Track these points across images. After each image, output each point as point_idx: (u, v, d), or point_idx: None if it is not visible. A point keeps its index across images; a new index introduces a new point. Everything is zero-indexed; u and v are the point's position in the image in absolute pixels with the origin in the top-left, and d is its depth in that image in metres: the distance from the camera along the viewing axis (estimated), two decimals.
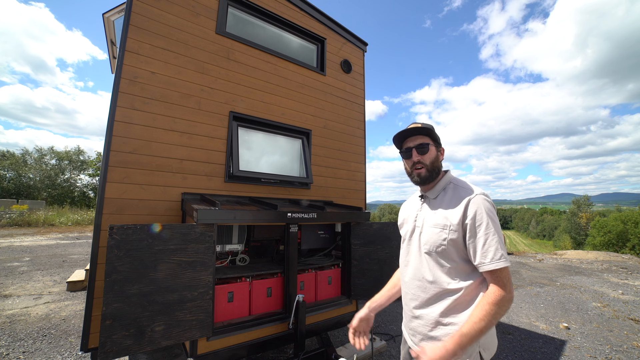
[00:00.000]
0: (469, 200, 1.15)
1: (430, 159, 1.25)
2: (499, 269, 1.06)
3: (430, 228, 1.23)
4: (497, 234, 1.09)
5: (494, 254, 1.07)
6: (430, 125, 1.28)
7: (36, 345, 3.10)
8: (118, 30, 4.58)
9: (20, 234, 10.99)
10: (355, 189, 3.76)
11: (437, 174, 1.28)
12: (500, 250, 1.07)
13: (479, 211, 1.12)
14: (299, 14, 3.52)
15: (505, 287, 1.05)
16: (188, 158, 2.56)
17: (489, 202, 1.15)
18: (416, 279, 1.27)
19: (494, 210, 1.15)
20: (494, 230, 1.09)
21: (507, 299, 1.04)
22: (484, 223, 1.10)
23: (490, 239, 1.08)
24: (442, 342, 1.05)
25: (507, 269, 1.07)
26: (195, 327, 1.82)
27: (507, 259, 1.07)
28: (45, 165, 27.46)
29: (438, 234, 1.19)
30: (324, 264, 2.79)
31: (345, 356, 2.69)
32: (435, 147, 1.27)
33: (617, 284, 6.53)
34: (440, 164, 1.29)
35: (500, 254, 1.06)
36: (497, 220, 1.13)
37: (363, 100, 4.08)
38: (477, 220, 1.11)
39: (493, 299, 1.04)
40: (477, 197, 1.15)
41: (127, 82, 2.32)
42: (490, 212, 1.12)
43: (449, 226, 1.16)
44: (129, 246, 1.65)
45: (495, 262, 1.06)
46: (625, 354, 3.36)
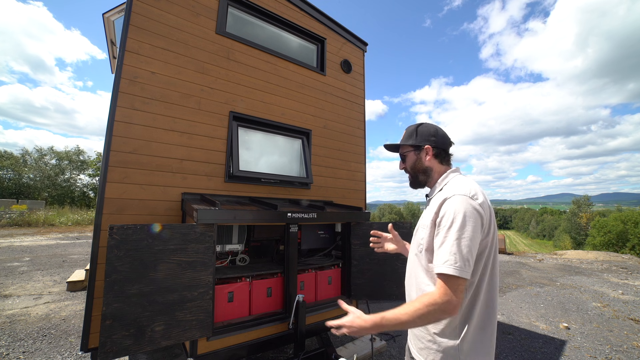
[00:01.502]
0: (445, 199, 1.09)
1: (410, 164, 1.31)
2: (443, 273, 0.99)
3: (421, 228, 1.22)
4: (458, 238, 0.99)
5: (445, 258, 0.99)
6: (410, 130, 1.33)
7: (36, 345, 3.10)
8: (118, 30, 4.58)
9: (20, 234, 10.99)
10: (355, 189, 3.76)
11: (426, 175, 1.28)
12: (451, 255, 0.98)
13: (449, 211, 1.04)
14: (299, 14, 3.52)
15: (444, 295, 0.97)
16: (188, 158, 2.55)
17: (468, 205, 1.04)
18: (407, 280, 1.30)
19: (471, 215, 1.03)
20: (454, 233, 1.00)
21: (440, 307, 0.96)
22: (447, 224, 1.03)
23: (447, 242, 1.01)
24: (366, 316, 1.05)
25: (453, 278, 0.97)
26: (195, 327, 1.82)
27: (456, 268, 0.97)
28: (45, 165, 27.46)
29: (420, 233, 1.19)
30: (324, 264, 2.79)
31: (345, 356, 2.69)
32: (414, 152, 1.30)
33: (617, 284, 6.53)
34: (424, 165, 1.28)
35: (446, 260, 0.99)
36: (469, 226, 1.01)
37: (363, 100, 4.08)
38: (444, 220, 1.05)
39: (427, 300, 0.99)
40: (454, 197, 1.07)
41: (127, 82, 2.32)
42: (461, 215, 1.02)
43: (427, 225, 1.14)
44: (129, 246, 1.65)
45: (440, 266, 0.99)
46: (625, 354, 3.36)
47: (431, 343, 1.11)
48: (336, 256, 3.00)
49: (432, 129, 1.30)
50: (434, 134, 1.28)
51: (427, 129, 1.29)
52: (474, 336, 1.08)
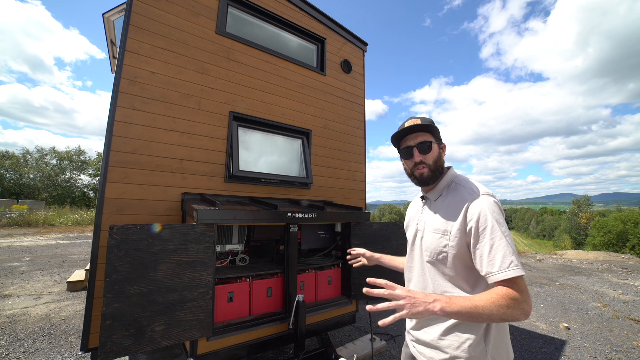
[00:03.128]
0: (471, 202, 1.03)
1: (433, 158, 1.14)
2: (509, 278, 0.91)
3: (430, 233, 1.13)
4: (504, 238, 0.95)
5: (502, 262, 0.93)
6: (430, 120, 1.17)
7: (36, 345, 3.10)
8: (118, 30, 4.58)
9: (20, 234, 10.99)
10: (355, 189, 3.76)
11: (440, 174, 1.17)
12: (509, 256, 0.93)
13: (483, 214, 0.99)
14: (299, 14, 3.52)
15: (526, 296, 0.90)
16: (188, 158, 2.55)
17: (494, 203, 1.02)
18: (418, 287, 1.20)
19: (500, 212, 1.01)
20: (501, 234, 0.96)
21: (520, 306, 0.89)
22: (488, 227, 0.97)
23: (497, 245, 0.95)
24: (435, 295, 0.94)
25: (521, 279, 0.92)
26: (195, 327, 1.82)
27: (519, 267, 0.92)
28: (46, 165, 27.46)
29: (438, 240, 1.09)
30: (324, 264, 2.79)
31: (345, 356, 2.69)
32: (437, 144, 1.16)
33: (617, 284, 6.53)
34: (442, 162, 1.18)
35: (509, 261, 0.92)
36: (505, 223, 1.00)
37: (363, 100, 4.07)
38: (481, 224, 0.98)
39: (506, 293, 0.90)
40: (480, 198, 1.02)
41: (127, 82, 2.32)
42: (496, 214, 0.99)
43: (450, 232, 1.05)
44: (129, 246, 1.65)
45: (504, 271, 0.92)
46: (625, 354, 3.36)
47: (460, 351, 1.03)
48: (336, 256, 3.00)
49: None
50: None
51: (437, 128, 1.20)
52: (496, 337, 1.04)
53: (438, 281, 1.11)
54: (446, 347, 1.05)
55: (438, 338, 1.08)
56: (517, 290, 0.91)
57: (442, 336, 1.07)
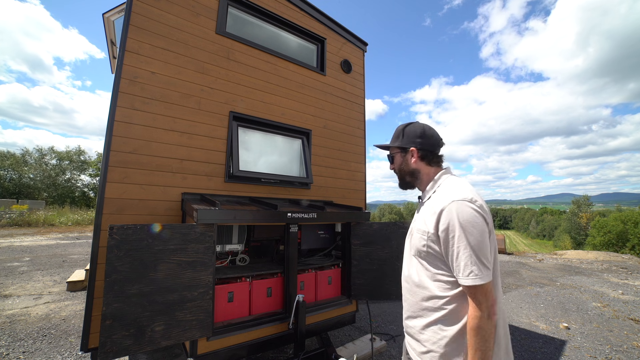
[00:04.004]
0: (443, 208, 1.06)
1: (397, 166, 1.32)
2: (469, 286, 1.00)
3: (416, 233, 1.21)
4: (469, 247, 1.00)
5: (463, 270, 1.00)
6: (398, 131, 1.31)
7: (36, 345, 3.10)
8: (118, 30, 4.58)
9: (20, 234, 10.99)
10: (355, 189, 3.76)
11: (413, 177, 1.28)
12: (470, 266, 0.99)
13: (451, 222, 1.03)
14: (299, 14, 3.52)
15: (480, 306, 0.99)
16: (188, 158, 2.55)
17: (468, 210, 1.03)
18: (405, 281, 1.27)
19: (475, 220, 1.02)
20: (466, 243, 1.00)
21: (483, 320, 0.98)
22: (455, 235, 1.02)
23: (461, 253, 1.01)
24: None
25: (481, 287, 0.99)
26: (195, 327, 1.82)
27: (478, 276, 0.98)
28: (46, 165, 27.47)
29: (419, 238, 1.16)
30: (324, 264, 2.79)
31: (345, 356, 2.69)
32: (400, 153, 1.30)
33: (617, 284, 6.53)
34: (410, 167, 1.27)
35: (469, 271, 0.99)
36: (475, 231, 1.01)
37: (363, 100, 4.07)
38: (449, 232, 1.04)
39: (471, 324, 1.00)
40: (451, 205, 1.05)
41: (127, 82, 2.32)
42: (465, 222, 1.01)
43: (427, 232, 1.12)
44: (129, 246, 1.65)
45: (464, 278, 1.00)
46: (625, 354, 3.36)
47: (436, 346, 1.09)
48: (336, 256, 2.99)
49: (419, 129, 1.25)
50: (420, 134, 1.24)
51: (413, 130, 1.26)
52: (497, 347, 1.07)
53: (421, 276, 1.18)
54: (425, 340, 1.13)
55: (419, 331, 1.16)
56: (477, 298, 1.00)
57: (422, 329, 1.14)
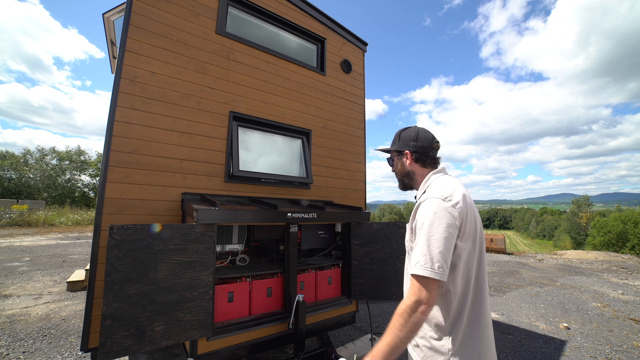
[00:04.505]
0: (420, 203, 1.16)
1: (396, 169, 1.40)
2: (413, 274, 1.03)
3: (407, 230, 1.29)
4: (425, 238, 1.04)
5: (415, 259, 1.04)
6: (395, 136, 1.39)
7: (36, 345, 3.10)
8: (118, 30, 4.58)
9: (20, 234, 10.99)
10: (355, 189, 3.76)
11: (410, 179, 1.35)
12: (418, 256, 1.03)
13: (421, 215, 1.10)
14: (299, 14, 3.52)
15: (412, 295, 1.01)
16: (188, 158, 2.55)
17: (439, 206, 1.07)
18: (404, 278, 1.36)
19: (440, 215, 1.06)
20: (425, 235, 1.05)
21: (411, 307, 0.99)
22: (422, 227, 1.08)
23: (418, 244, 1.07)
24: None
25: (422, 278, 1.01)
26: (195, 327, 1.82)
27: (425, 268, 1.00)
28: (46, 165, 27.47)
29: (407, 235, 1.26)
30: (324, 264, 2.79)
31: (345, 356, 2.69)
32: (397, 157, 1.38)
33: (617, 284, 6.53)
34: (407, 169, 1.35)
35: (416, 260, 1.03)
36: (437, 226, 1.04)
37: (363, 100, 4.07)
38: (417, 224, 1.11)
39: (400, 308, 1.02)
40: (426, 201, 1.12)
41: (127, 82, 2.32)
42: (432, 216, 1.06)
43: (409, 229, 1.22)
44: (129, 246, 1.65)
45: (412, 267, 1.04)
46: (625, 354, 3.37)
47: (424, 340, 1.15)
48: (336, 256, 2.99)
49: (413, 133, 1.33)
50: (413, 138, 1.32)
51: (407, 134, 1.34)
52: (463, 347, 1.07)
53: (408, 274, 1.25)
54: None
55: None
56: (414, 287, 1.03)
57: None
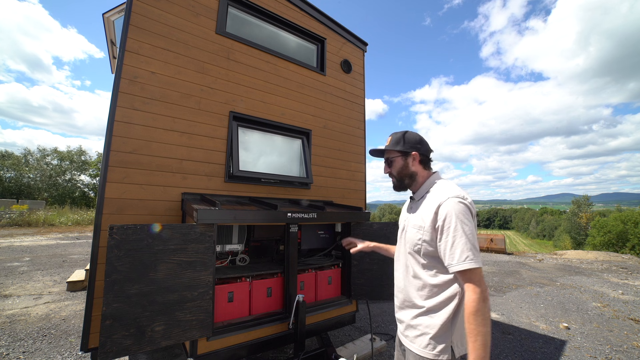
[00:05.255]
0: (441, 203, 1.20)
1: (397, 169, 1.41)
2: (466, 269, 1.11)
3: (411, 228, 1.34)
4: (464, 236, 1.13)
5: (460, 256, 1.12)
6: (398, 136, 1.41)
7: (36, 345, 3.10)
8: (118, 30, 4.58)
9: (20, 234, 10.99)
10: (355, 189, 3.76)
11: (411, 179, 1.39)
12: (466, 252, 1.12)
13: (449, 214, 1.17)
14: (299, 14, 3.52)
15: (475, 289, 1.09)
16: (188, 158, 2.55)
17: (462, 205, 1.18)
18: (401, 274, 1.41)
19: (467, 213, 1.18)
20: (462, 232, 1.14)
21: (480, 303, 1.07)
22: (452, 226, 1.15)
23: (457, 242, 1.13)
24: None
25: (476, 270, 1.11)
26: (195, 327, 1.82)
27: (474, 260, 1.11)
28: (47, 165, 27.48)
29: (415, 233, 1.30)
30: (324, 264, 2.79)
31: (345, 356, 2.69)
32: (401, 157, 1.40)
33: (617, 284, 6.53)
34: (410, 170, 1.39)
35: (465, 256, 1.11)
36: (469, 223, 1.16)
37: (363, 100, 4.07)
38: (447, 224, 1.17)
39: (470, 309, 1.08)
40: (448, 200, 1.19)
41: (127, 82, 2.32)
42: (461, 215, 1.16)
43: (423, 227, 1.25)
44: (129, 246, 1.65)
45: (461, 263, 1.12)
46: (625, 354, 3.36)
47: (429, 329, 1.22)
48: (336, 256, 2.99)
49: (418, 137, 1.41)
50: (419, 141, 1.40)
51: (413, 137, 1.40)
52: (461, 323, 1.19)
53: (415, 268, 1.32)
54: (418, 325, 1.27)
55: (412, 319, 1.30)
56: (473, 280, 1.11)
57: (416, 317, 1.29)
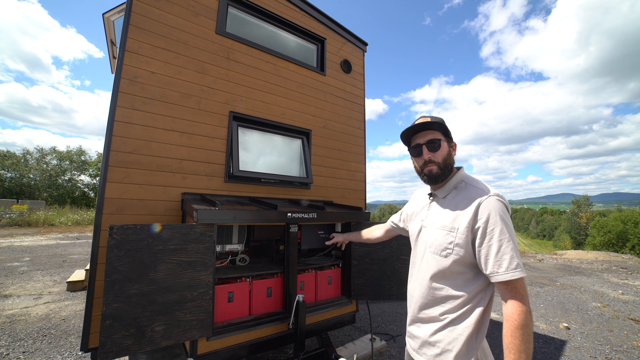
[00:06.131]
0: (481, 202, 1.05)
1: (442, 156, 1.16)
2: (515, 279, 0.97)
3: (436, 230, 1.15)
4: (512, 240, 0.99)
5: (509, 263, 0.97)
6: (441, 119, 1.18)
7: (36, 345, 3.10)
8: (118, 30, 4.58)
9: (20, 234, 10.99)
10: (355, 189, 3.76)
11: (450, 172, 1.19)
12: (515, 258, 0.98)
13: (493, 215, 1.02)
14: (299, 14, 3.52)
15: (523, 300, 0.97)
16: (188, 158, 2.55)
17: (504, 205, 1.05)
18: (418, 282, 1.22)
19: (509, 214, 1.05)
20: (509, 236, 1.00)
21: (529, 316, 0.97)
22: (497, 228, 1.00)
23: (504, 246, 0.99)
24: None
25: (523, 280, 0.99)
26: (195, 327, 1.82)
27: (522, 269, 0.98)
28: (47, 165, 27.47)
29: (444, 236, 1.11)
30: (324, 264, 2.79)
31: (345, 356, 2.69)
32: (447, 143, 1.17)
33: (617, 284, 6.53)
34: (452, 160, 1.20)
35: (515, 263, 0.97)
36: (512, 225, 1.03)
37: (363, 100, 4.07)
38: (490, 225, 1.01)
39: (517, 322, 0.96)
40: (489, 198, 1.05)
41: (127, 82, 2.32)
42: (505, 216, 1.03)
43: (457, 229, 1.08)
44: (129, 246, 1.65)
45: (510, 272, 0.97)
46: (625, 354, 3.36)
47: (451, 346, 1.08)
48: (336, 256, 2.99)
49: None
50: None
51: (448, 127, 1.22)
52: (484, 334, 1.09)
53: (438, 275, 1.14)
54: (438, 341, 1.11)
55: (430, 335, 1.13)
56: (520, 292, 0.98)
57: (435, 333, 1.12)
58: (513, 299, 0.98)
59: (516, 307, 0.97)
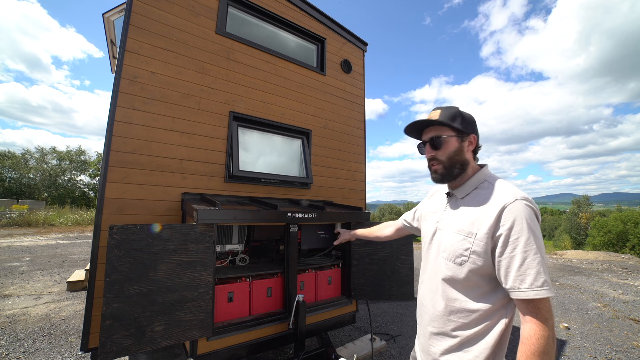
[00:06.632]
0: (505, 205, 0.91)
1: (447, 153, 1.05)
2: (538, 299, 0.84)
3: (452, 233, 1.03)
4: (539, 253, 0.86)
5: (534, 279, 0.84)
6: (453, 111, 1.06)
7: (36, 345, 3.10)
8: (118, 30, 4.58)
9: (20, 234, 10.99)
10: (355, 189, 3.76)
11: (462, 170, 1.06)
12: (542, 274, 0.84)
13: (519, 221, 0.88)
14: (299, 14, 3.52)
15: (546, 323, 0.83)
16: (188, 158, 2.56)
17: (533, 211, 0.90)
18: (430, 290, 1.11)
19: (538, 222, 0.91)
20: (536, 248, 0.86)
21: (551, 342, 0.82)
22: (522, 237, 0.87)
23: (530, 259, 0.85)
24: None
25: (548, 300, 0.85)
26: (195, 327, 1.82)
27: (550, 287, 0.84)
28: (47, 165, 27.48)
29: (460, 242, 0.99)
30: (324, 264, 2.79)
31: (345, 356, 2.69)
32: (457, 138, 1.05)
33: (617, 284, 6.53)
34: (464, 157, 1.06)
35: (542, 280, 0.84)
36: (541, 237, 0.89)
37: (363, 100, 4.07)
38: (514, 233, 0.88)
39: (537, 347, 0.81)
40: (516, 202, 0.90)
41: (127, 82, 2.32)
42: (533, 225, 0.89)
43: (475, 235, 0.95)
44: (129, 246, 1.65)
45: (535, 289, 0.83)
46: (625, 354, 3.36)
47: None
48: (336, 256, 3.00)
49: (473, 118, 1.08)
50: (475, 124, 1.08)
51: (470, 117, 1.08)
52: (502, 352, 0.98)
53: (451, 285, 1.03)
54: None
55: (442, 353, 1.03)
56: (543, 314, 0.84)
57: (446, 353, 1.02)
58: (534, 320, 0.84)
59: (536, 330, 0.83)
